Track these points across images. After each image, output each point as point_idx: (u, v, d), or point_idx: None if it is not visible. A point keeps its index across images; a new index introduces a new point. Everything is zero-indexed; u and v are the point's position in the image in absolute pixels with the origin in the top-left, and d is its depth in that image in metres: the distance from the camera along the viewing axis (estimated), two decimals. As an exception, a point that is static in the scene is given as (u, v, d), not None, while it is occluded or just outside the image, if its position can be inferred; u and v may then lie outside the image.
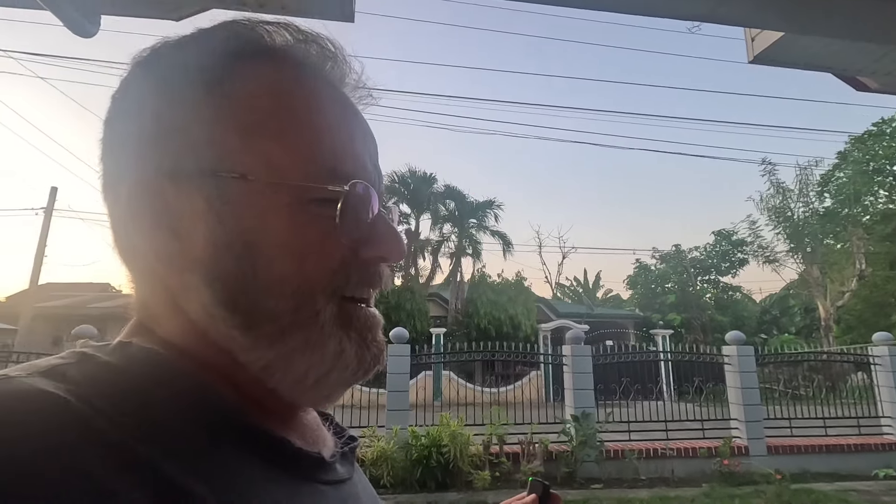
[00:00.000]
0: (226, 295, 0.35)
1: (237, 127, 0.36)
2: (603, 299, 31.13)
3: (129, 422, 0.28)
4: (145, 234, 0.36)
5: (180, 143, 0.36)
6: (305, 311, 0.36)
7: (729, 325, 19.88)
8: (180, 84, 0.37)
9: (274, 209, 0.36)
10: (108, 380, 0.31)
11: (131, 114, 0.38)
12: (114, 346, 0.35)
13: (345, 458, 0.43)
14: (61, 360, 0.32)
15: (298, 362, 0.36)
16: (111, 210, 0.39)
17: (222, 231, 0.35)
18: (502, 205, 20.33)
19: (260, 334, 0.36)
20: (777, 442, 7.21)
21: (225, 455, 0.32)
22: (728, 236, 23.86)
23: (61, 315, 15.95)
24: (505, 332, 16.65)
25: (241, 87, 0.37)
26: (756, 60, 3.38)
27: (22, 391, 0.27)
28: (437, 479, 6.20)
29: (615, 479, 6.56)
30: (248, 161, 0.36)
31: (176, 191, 0.36)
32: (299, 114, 0.38)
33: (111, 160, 0.39)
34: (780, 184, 20.29)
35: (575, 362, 7.46)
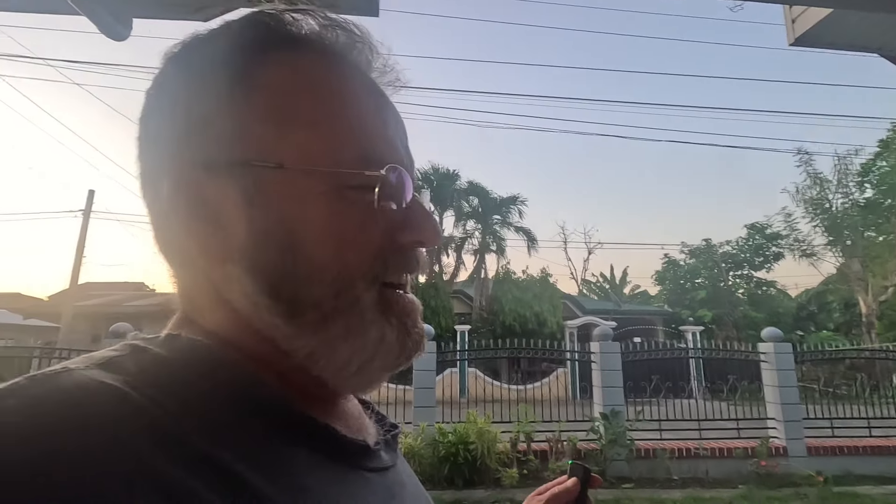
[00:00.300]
0: (268, 283, 0.35)
1: (269, 117, 0.36)
2: (630, 295, 30.55)
3: (184, 412, 0.29)
4: (186, 226, 0.37)
5: (214, 135, 0.36)
6: (346, 298, 0.36)
7: (763, 321, 19.22)
8: (210, 77, 0.37)
9: (311, 197, 0.36)
10: (161, 371, 0.32)
11: (164, 109, 0.38)
12: (163, 339, 0.36)
13: (388, 445, 0.44)
14: (115, 352, 0.33)
15: (342, 349, 0.37)
16: (151, 206, 0.39)
17: (261, 220, 0.35)
18: (526, 200, 20.17)
19: (303, 322, 0.36)
20: (817, 443, 6.92)
21: (275, 444, 0.32)
22: (762, 230, 23.06)
23: (99, 313, 16.57)
24: (530, 328, 16.50)
25: (271, 78, 0.37)
26: (797, 42, 3.21)
27: (84, 383, 0.28)
28: (465, 476, 6.18)
29: (646, 479, 6.42)
30: (283, 150, 0.36)
31: (213, 183, 0.36)
32: (331, 101, 0.38)
33: (148, 157, 0.39)
34: (818, 174, 19.49)
35: (603, 359, 7.32)
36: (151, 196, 0.39)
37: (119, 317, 11.21)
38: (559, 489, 0.64)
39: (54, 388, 0.27)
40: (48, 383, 0.28)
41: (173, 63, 0.39)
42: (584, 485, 0.65)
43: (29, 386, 0.27)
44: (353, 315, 0.36)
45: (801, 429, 6.92)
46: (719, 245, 24.61)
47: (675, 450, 6.70)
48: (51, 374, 0.29)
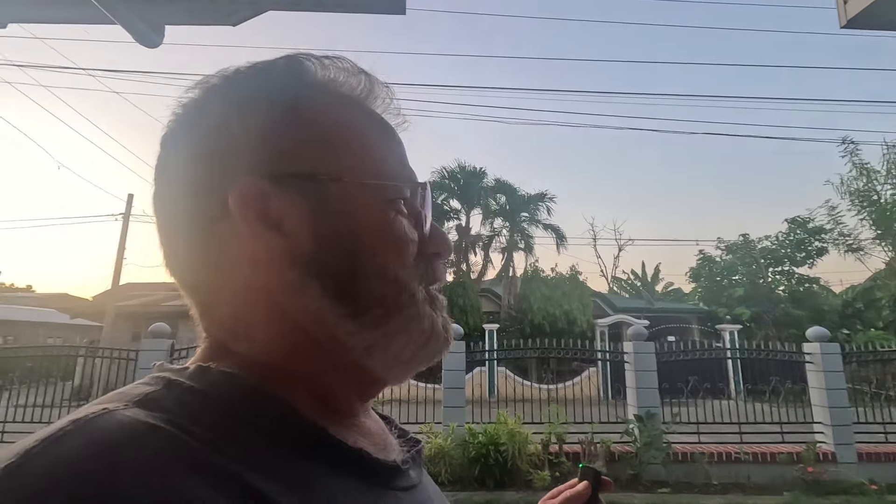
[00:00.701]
0: (334, 286, 0.38)
1: (321, 140, 0.41)
2: (663, 293, 29.76)
3: (228, 447, 0.31)
4: (254, 235, 0.38)
5: (274, 152, 0.39)
6: (406, 294, 0.41)
7: (806, 319, 18.38)
8: (263, 103, 0.41)
9: (368, 206, 0.40)
10: (200, 407, 0.33)
11: (215, 129, 0.40)
12: (194, 371, 0.37)
13: (414, 461, 0.45)
14: (149, 387, 0.35)
15: (399, 339, 0.40)
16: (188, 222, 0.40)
17: (328, 227, 0.39)
18: (555, 197, 19.86)
19: (367, 318, 0.39)
20: (869, 448, 6.56)
21: (314, 472, 0.34)
22: (804, 224, 22.02)
23: (139, 313, 17.21)
24: (560, 327, 16.25)
25: (317, 109, 0.42)
26: (849, 25, 3.00)
27: (128, 425, 0.29)
28: (496, 477, 6.13)
29: (684, 484, 6.21)
30: (338, 167, 0.40)
31: (278, 193, 0.38)
32: (366, 132, 0.43)
33: (190, 174, 0.40)
34: (864, 164, 18.47)
35: (637, 359, 7.13)
36: (191, 212, 0.40)
37: (157, 316, 11.61)
38: (571, 493, 0.66)
39: (99, 434, 0.28)
40: (92, 428, 0.29)
41: (217, 91, 0.42)
42: (595, 489, 0.66)
43: (73, 432, 0.28)
44: (413, 308, 0.41)
45: (850, 433, 6.57)
46: (758, 240, 23.64)
47: (714, 454, 6.47)
48: (92, 417, 0.29)
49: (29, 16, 2.40)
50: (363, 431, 0.43)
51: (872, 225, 18.62)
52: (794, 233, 22.71)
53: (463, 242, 19.75)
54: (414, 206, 0.43)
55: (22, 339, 18.17)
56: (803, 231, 22.22)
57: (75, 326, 21.34)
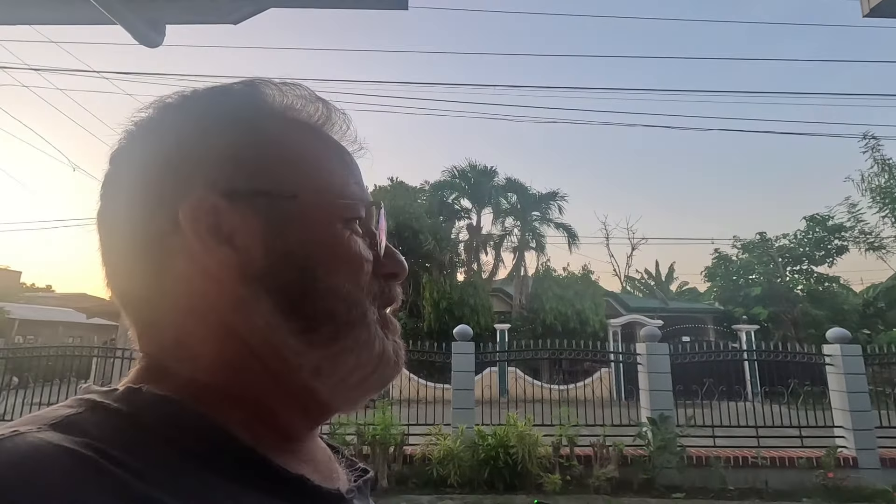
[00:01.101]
0: (285, 302, 0.38)
1: (278, 159, 0.41)
2: (677, 293, 29.36)
3: (149, 473, 0.29)
4: (205, 250, 0.37)
5: (230, 168, 0.39)
6: (357, 312, 0.40)
7: (825, 319, 17.96)
8: (221, 121, 0.41)
9: (321, 224, 0.40)
10: (122, 430, 0.31)
11: (169, 146, 0.40)
12: (122, 393, 0.35)
13: (360, 491, 0.44)
14: (70, 409, 0.33)
15: (348, 361, 0.39)
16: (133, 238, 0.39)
17: (279, 244, 0.38)
18: (566, 196, 19.73)
19: (315, 336, 0.38)
20: (893, 454, 6.37)
21: (245, 498, 0.33)
22: (823, 221, 21.51)
23: (154, 312, 17.40)
24: (572, 327, 16.10)
25: (274, 130, 0.42)
26: (872, 13, 2.87)
27: (36, 446, 0.27)
28: (506, 480, 6.06)
29: (699, 489, 6.07)
30: (294, 185, 0.40)
31: (231, 209, 0.38)
32: (322, 155, 0.44)
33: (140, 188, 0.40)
34: (886, 160, 17.98)
35: (650, 361, 6.99)
36: (137, 229, 0.39)
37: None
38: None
39: (3, 457, 0.26)
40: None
41: (173, 109, 0.42)
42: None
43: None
44: (364, 328, 0.40)
45: (873, 438, 6.37)
46: (775, 239, 23.16)
47: (730, 458, 6.32)
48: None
49: (27, 17, 2.39)
50: (307, 458, 0.42)
51: (895, 222, 18.13)
52: (812, 231, 22.20)
53: (474, 242, 19.68)
54: (369, 227, 0.44)
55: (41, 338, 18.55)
56: (822, 229, 21.71)
57: (92, 326, 21.70)
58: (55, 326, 21.36)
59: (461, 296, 16.47)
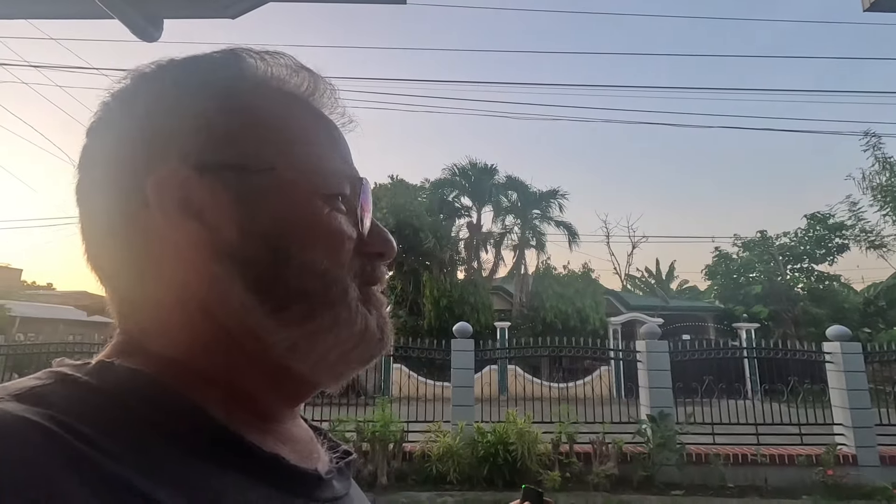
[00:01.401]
0: (257, 280, 0.36)
1: (255, 131, 0.39)
2: (678, 291, 29.33)
3: (113, 446, 0.28)
4: (171, 225, 0.36)
5: (202, 141, 0.38)
6: (336, 290, 0.39)
7: (826, 317, 17.93)
8: (197, 92, 0.39)
9: (298, 200, 0.38)
10: (89, 402, 0.31)
11: (142, 117, 0.39)
12: (94, 367, 0.34)
13: (341, 473, 0.43)
14: (37, 380, 0.32)
15: (326, 339, 0.38)
16: (103, 212, 0.38)
17: (251, 220, 0.37)
18: (567, 194, 19.67)
19: (290, 315, 0.37)
20: (892, 451, 6.37)
21: (217, 476, 0.32)
22: (824, 220, 21.49)
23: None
24: (572, 325, 16.10)
25: (253, 102, 0.40)
26: (872, 8, 2.86)
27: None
28: (505, 477, 6.06)
29: (699, 486, 6.08)
30: (271, 159, 0.38)
31: (201, 182, 0.37)
32: (306, 127, 0.42)
33: (114, 160, 0.39)
34: (888, 158, 17.95)
35: (650, 358, 6.99)
36: (111, 202, 0.38)
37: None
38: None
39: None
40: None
41: (149, 79, 0.40)
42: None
43: None
44: (342, 306, 0.39)
45: (873, 436, 6.37)
46: (776, 237, 23.16)
47: (730, 455, 6.32)
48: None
49: (24, 11, 2.38)
50: (285, 438, 0.41)
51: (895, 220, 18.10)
52: (813, 229, 22.19)
53: (474, 240, 19.67)
54: (353, 205, 0.42)
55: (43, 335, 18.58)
56: (823, 227, 21.70)
57: (93, 323, 21.73)
58: (56, 324, 21.37)
59: (461, 294, 16.46)
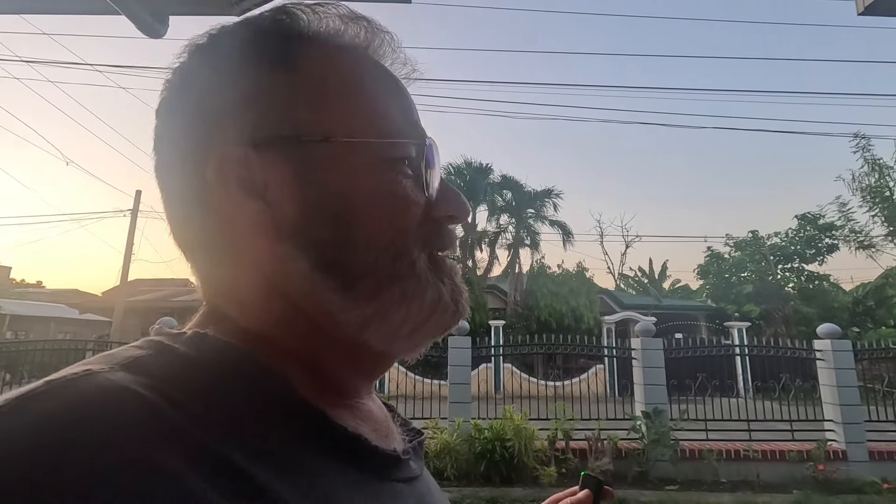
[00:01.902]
0: (322, 258, 0.36)
1: (310, 97, 0.37)
2: (670, 290, 29.56)
3: (208, 418, 0.29)
4: (236, 206, 0.36)
5: (258, 115, 0.36)
6: (403, 263, 0.37)
7: (816, 316, 18.17)
8: (248, 61, 0.38)
9: (360, 168, 0.37)
10: (186, 374, 0.31)
11: (198, 95, 0.38)
12: (189, 337, 0.35)
13: (415, 452, 0.43)
14: (140, 350, 0.33)
15: (396, 314, 0.37)
16: (179, 194, 0.39)
17: (313, 194, 0.36)
18: (561, 193, 19.76)
19: (358, 292, 0.36)
20: (881, 447, 6.47)
21: (301, 452, 0.32)
22: (814, 220, 21.78)
23: (148, 308, 17.37)
24: (566, 324, 16.21)
25: (307, 63, 0.38)
26: (867, 12, 2.93)
27: (105, 388, 0.27)
28: (502, 473, 6.10)
29: (692, 481, 6.15)
30: (327, 126, 0.36)
31: (261, 160, 0.36)
32: (364, 85, 0.39)
33: (179, 142, 0.38)
34: (877, 160, 18.20)
35: (645, 356, 7.07)
36: (181, 181, 0.38)
37: (166, 312, 11.69)
38: (571, 500, 0.64)
39: (74, 395, 0.27)
40: (68, 389, 0.27)
41: (203, 52, 0.39)
42: (597, 497, 0.64)
43: (48, 392, 0.27)
44: (411, 279, 0.37)
45: (862, 432, 6.48)
46: (767, 237, 23.44)
47: (722, 451, 6.40)
48: (71, 378, 0.28)
49: (32, 7, 2.39)
50: (364, 415, 0.40)
51: (885, 221, 18.38)
52: (804, 229, 22.46)
53: (469, 238, 19.71)
54: (418, 165, 0.39)
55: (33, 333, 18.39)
56: (814, 228, 21.98)
57: (85, 322, 21.55)
58: (47, 322, 21.15)
59: (456, 292, 16.48)
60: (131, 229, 16.67)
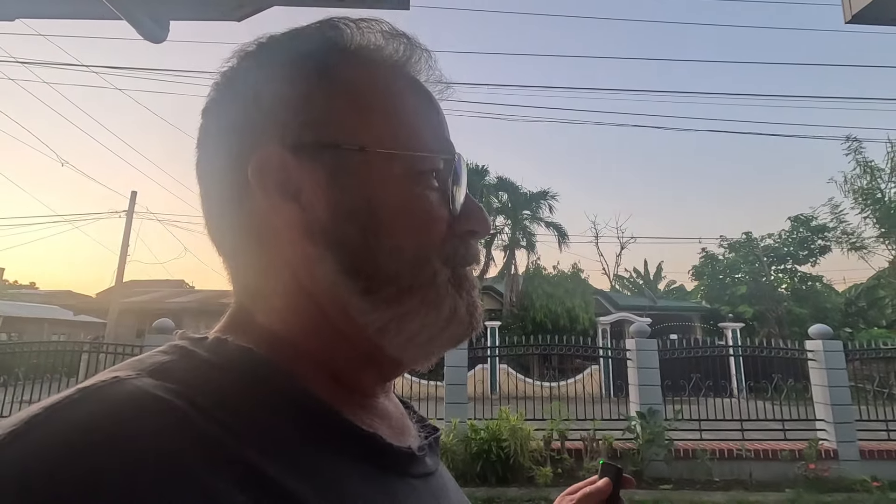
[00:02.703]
0: (349, 261, 0.37)
1: (349, 107, 0.39)
2: (665, 291, 29.72)
3: (232, 424, 0.30)
4: (272, 206, 0.37)
5: (299, 120, 0.38)
6: (424, 274, 0.39)
7: (809, 317, 18.32)
8: (294, 70, 0.39)
9: (391, 178, 0.38)
10: (210, 380, 0.32)
11: (243, 99, 0.40)
12: (211, 342, 0.36)
13: (431, 449, 0.44)
14: (164, 356, 0.34)
15: (413, 322, 0.38)
16: (218, 192, 0.40)
17: (345, 200, 0.37)
18: (557, 195, 19.83)
19: (379, 297, 0.37)
20: (872, 446, 6.56)
21: (322, 454, 0.33)
22: (806, 222, 21.93)
23: (143, 310, 17.28)
24: (562, 325, 16.26)
25: (349, 75, 0.40)
26: (854, 20, 2.99)
27: (135, 396, 0.28)
28: (498, 473, 6.14)
29: (686, 480, 6.21)
30: (364, 136, 0.38)
31: (298, 163, 0.37)
32: (400, 99, 0.41)
33: (223, 142, 0.40)
34: (868, 162, 18.37)
35: (640, 357, 7.13)
36: (220, 180, 0.40)
37: (162, 313, 11.64)
38: (591, 489, 0.64)
39: (105, 403, 0.28)
40: (98, 397, 0.28)
41: (251, 58, 0.41)
42: (616, 486, 0.64)
43: (80, 400, 0.28)
44: (430, 289, 0.39)
45: (853, 431, 6.57)
46: (760, 238, 23.57)
47: (716, 450, 6.47)
48: (101, 385, 0.29)
49: (35, 11, 2.41)
50: (380, 413, 0.42)
51: (876, 223, 18.55)
52: (796, 231, 22.60)
53: (465, 240, 19.70)
54: (446, 180, 0.41)
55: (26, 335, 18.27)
56: (806, 229, 22.13)
57: (79, 323, 21.43)
58: (41, 323, 21.03)
59: (452, 293, 16.50)
60: (126, 230, 16.60)
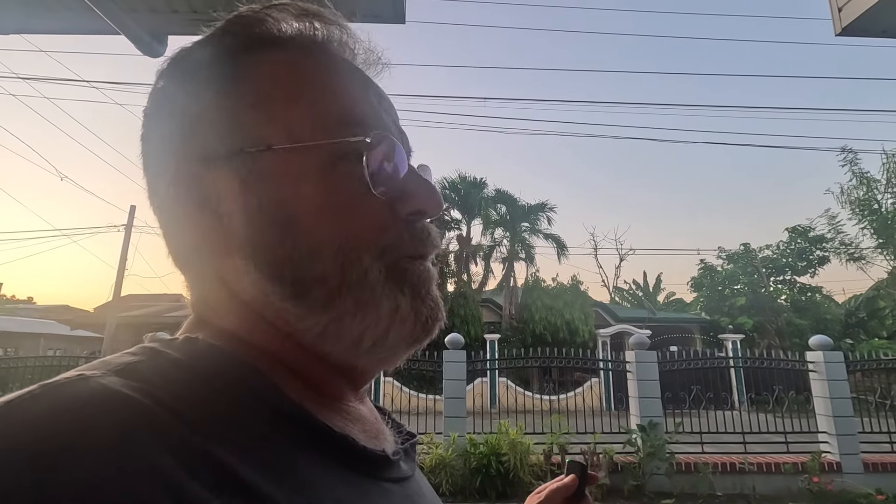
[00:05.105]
0: (272, 269, 0.36)
1: (253, 104, 0.37)
2: (664, 303, 29.67)
3: (198, 421, 0.29)
4: (191, 222, 0.37)
5: (207, 130, 0.37)
6: (353, 272, 0.36)
7: (808, 328, 18.28)
8: (200, 79, 0.38)
9: (304, 174, 0.36)
10: (177, 378, 0.31)
11: (162, 118, 0.40)
12: (181, 342, 0.35)
13: (406, 454, 0.43)
14: (132, 356, 0.33)
15: (351, 325, 0.36)
16: (159, 213, 0.40)
17: (259, 205, 0.36)
18: (555, 207, 19.93)
19: (310, 301, 0.36)
20: (875, 458, 6.48)
21: (290, 452, 0.32)
22: (804, 233, 22.00)
23: (141, 324, 17.18)
24: (561, 337, 16.19)
25: (253, 72, 0.38)
26: (845, 32, 3.01)
27: (98, 392, 0.27)
28: (498, 488, 6.06)
29: (688, 495, 6.13)
30: (270, 133, 0.36)
31: (211, 175, 0.37)
32: (308, 81, 0.38)
33: (152, 166, 0.40)
34: (864, 173, 18.50)
35: (640, 369, 7.08)
36: (157, 202, 0.40)
37: (159, 327, 11.58)
38: (557, 485, 0.67)
39: (66, 398, 0.27)
40: (60, 392, 0.27)
41: (164, 77, 0.40)
42: (582, 481, 0.67)
43: (40, 396, 0.27)
44: (364, 288, 0.36)
45: (856, 443, 6.49)
46: (759, 249, 23.64)
47: (718, 464, 6.39)
48: (64, 382, 0.28)
49: (33, 26, 2.43)
50: (353, 417, 0.40)
51: (874, 234, 18.61)
52: (795, 242, 22.67)
53: (464, 252, 19.75)
54: (379, 163, 0.37)
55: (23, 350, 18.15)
56: (804, 240, 22.19)
57: (76, 338, 21.31)
58: (37, 338, 20.89)
59: (451, 306, 16.48)
60: (125, 244, 16.58)
